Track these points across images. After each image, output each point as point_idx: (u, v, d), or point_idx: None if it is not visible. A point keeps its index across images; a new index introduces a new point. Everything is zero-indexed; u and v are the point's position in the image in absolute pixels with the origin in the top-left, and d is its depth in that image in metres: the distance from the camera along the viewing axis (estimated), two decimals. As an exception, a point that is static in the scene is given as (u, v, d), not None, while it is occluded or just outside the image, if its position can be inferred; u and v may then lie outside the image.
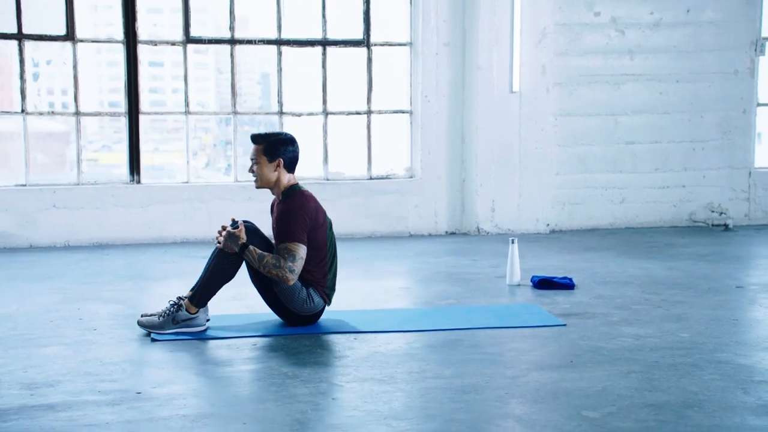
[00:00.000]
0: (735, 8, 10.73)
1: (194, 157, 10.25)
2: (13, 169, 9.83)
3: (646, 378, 4.84)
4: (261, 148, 5.96)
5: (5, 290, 7.29)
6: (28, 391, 4.61)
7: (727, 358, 5.23)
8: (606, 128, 10.60)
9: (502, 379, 4.83)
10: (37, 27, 9.53)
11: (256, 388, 4.69)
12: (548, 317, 6.25)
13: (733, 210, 10.86)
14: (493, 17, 10.02)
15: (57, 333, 5.84)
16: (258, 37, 10.08)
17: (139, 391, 4.59)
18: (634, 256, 8.80)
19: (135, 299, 6.92)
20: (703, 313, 6.37)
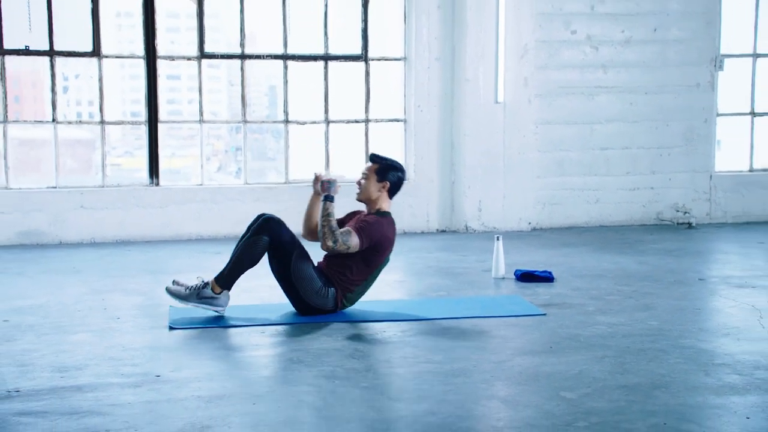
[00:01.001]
0: (697, 28, 10.73)
1: (207, 161, 10.24)
2: (45, 173, 9.82)
3: (618, 362, 4.85)
4: (375, 167, 6.09)
5: (38, 282, 7.28)
6: (58, 373, 4.62)
7: (690, 344, 5.24)
8: (582, 135, 10.60)
9: (488, 364, 4.84)
10: (66, 44, 9.52)
11: (265, 372, 4.69)
12: (530, 307, 6.25)
13: (696, 210, 10.86)
14: (480, 34, 10.01)
15: (84, 321, 5.85)
16: (266, 52, 10.07)
17: (158, 374, 4.60)
18: (608, 251, 8.80)
19: (154, 291, 6.90)
20: (669, 303, 6.38)
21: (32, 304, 6.37)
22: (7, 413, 4.02)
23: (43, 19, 9.41)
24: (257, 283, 7.13)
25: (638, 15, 10.62)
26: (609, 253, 8.65)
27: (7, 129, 9.43)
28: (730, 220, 10.98)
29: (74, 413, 3.99)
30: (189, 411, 4.02)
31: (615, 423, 3.91)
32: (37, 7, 9.41)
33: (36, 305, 6.34)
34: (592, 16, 10.52)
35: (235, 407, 4.08)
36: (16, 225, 9.31)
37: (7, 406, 4.11)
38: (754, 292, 6.74)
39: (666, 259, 8.33)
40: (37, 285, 7.16)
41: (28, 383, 4.45)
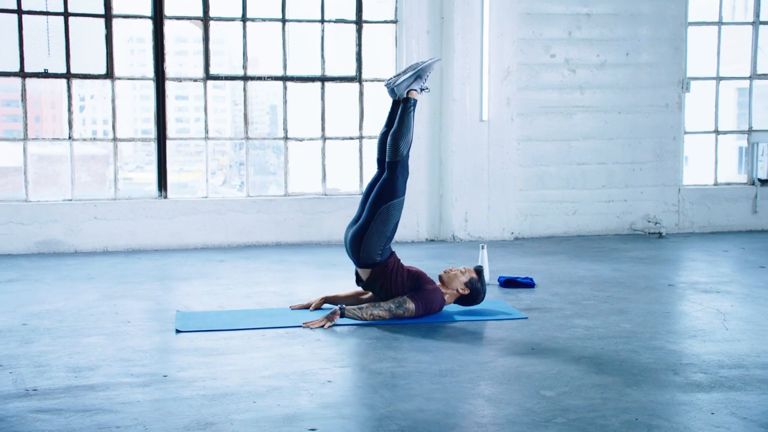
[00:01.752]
0: (665, 53, 10.76)
1: (213, 175, 10.22)
2: (62, 186, 9.80)
3: (594, 362, 4.85)
4: (474, 276, 6.18)
5: (55, 288, 7.26)
6: (73, 373, 4.61)
7: (660, 345, 5.25)
8: (561, 152, 10.60)
9: (473, 365, 4.84)
10: (82, 67, 9.50)
11: (265, 372, 4.68)
12: (512, 311, 6.25)
13: (666, 220, 10.86)
14: (466, 58, 10.02)
15: (97, 325, 5.83)
16: (267, 74, 10.07)
17: (166, 375, 4.59)
18: (584, 259, 8.80)
19: (162, 296, 6.90)
20: (641, 307, 6.38)
21: (49, 309, 6.35)
22: (25, 411, 4.01)
23: (61, 44, 9.39)
24: (260, 289, 7.14)
25: (612, 40, 10.65)
26: (585, 261, 8.64)
27: (27, 146, 9.41)
28: (697, 230, 10.99)
29: (87, 411, 3.98)
30: (194, 409, 4.01)
31: (591, 419, 3.91)
32: (55, 33, 9.40)
33: (52, 310, 6.32)
34: (570, 41, 10.54)
35: (237, 405, 4.07)
36: (35, 235, 9.28)
37: (26, 404, 4.10)
38: (719, 297, 6.75)
39: (638, 266, 8.33)
40: (53, 291, 7.13)
41: (44, 383, 4.44)
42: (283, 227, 9.88)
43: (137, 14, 9.64)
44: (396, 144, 6.05)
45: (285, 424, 3.82)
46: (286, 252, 9.32)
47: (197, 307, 6.50)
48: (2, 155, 9.63)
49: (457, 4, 9.97)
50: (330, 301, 6.35)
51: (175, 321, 5.89)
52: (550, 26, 10.47)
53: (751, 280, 7.55)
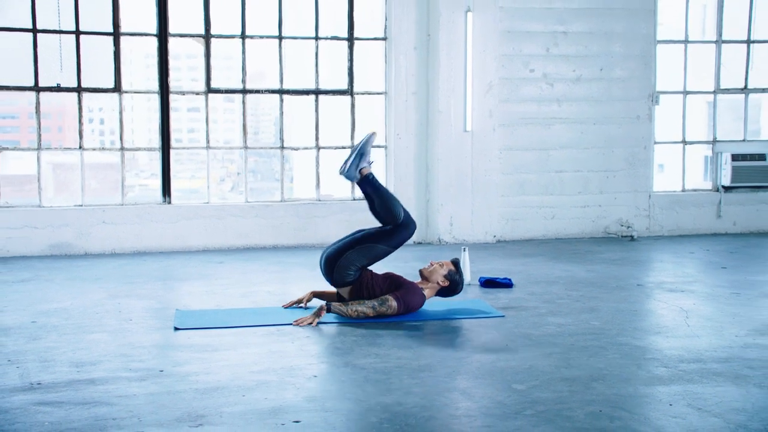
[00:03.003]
0: (636, 68, 10.76)
1: (222, 182, 10.19)
2: (73, 193, 9.77)
3: (564, 357, 4.84)
4: (452, 269, 6.16)
5: (64, 288, 7.24)
6: (75, 368, 4.59)
7: (626, 341, 5.23)
8: (540, 160, 10.59)
9: (451, 360, 4.82)
10: (92, 82, 9.47)
11: (255, 368, 4.66)
12: (490, 310, 6.23)
13: (637, 224, 10.86)
14: (451, 72, 10.02)
15: (101, 322, 5.81)
16: (264, 87, 10.06)
17: (162, 369, 4.57)
18: (561, 260, 8.79)
19: (163, 296, 6.87)
20: (610, 305, 6.37)
21: (57, 307, 6.32)
22: (29, 403, 3.99)
23: (72, 60, 9.37)
24: (256, 289, 7.12)
25: (587, 57, 10.65)
26: (562, 263, 8.63)
27: (41, 155, 9.38)
28: (666, 233, 10.98)
29: (86, 403, 3.96)
30: (186, 402, 3.99)
31: (557, 411, 3.90)
32: (67, 49, 9.38)
33: (60, 308, 6.30)
34: (548, 57, 10.54)
35: (227, 398, 4.05)
36: (48, 238, 9.25)
37: (30, 397, 4.08)
38: (683, 296, 6.74)
39: (610, 267, 8.32)
40: (62, 290, 7.11)
41: (48, 377, 4.42)
42: (279, 231, 9.85)
43: (143, 32, 9.63)
44: (389, 213, 6.06)
45: (271, 416, 3.80)
46: (283, 254, 9.29)
47: (196, 305, 6.48)
48: (25, 164, 9.59)
49: (443, 23, 9.97)
50: (318, 295, 6.32)
51: (174, 319, 5.87)
52: (529, 43, 10.46)
53: (714, 280, 7.55)
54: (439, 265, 6.19)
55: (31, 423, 3.72)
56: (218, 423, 3.71)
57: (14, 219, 9.16)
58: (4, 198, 9.25)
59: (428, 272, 6.18)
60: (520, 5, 10.39)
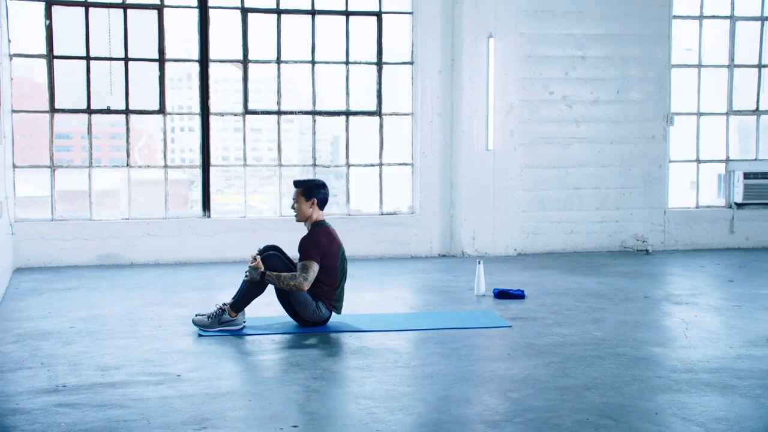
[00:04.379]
0: (652, 91, 10.61)
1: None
2: (120, 207, 9.86)
3: (561, 367, 4.76)
4: (300, 190, 5.96)
5: (106, 296, 7.29)
6: (100, 372, 4.61)
7: (624, 351, 5.14)
8: (559, 177, 10.47)
9: (454, 368, 4.77)
10: (138, 104, 9.57)
11: (266, 374, 4.65)
12: (499, 320, 6.16)
13: (653, 239, 10.68)
14: (474, 95, 9.96)
15: (132, 329, 5.84)
16: (298, 108, 10.09)
17: (179, 374, 4.57)
18: (575, 273, 8.67)
19: (197, 304, 6.88)
20: (615, 317, 6.26)
21: (96, 314, 6.37)
22: (50, 404, 4.01)
23: (121, 84, 9.47)
24: (274, 298, 7.09)
25: (604, 80, 10.52)
26: (575, 275, 8.51)
27: (92, 173, 9.48)
28: (681, 247, 10.78)
29: (102, 406, 3.97)
30: (195, 406, 3.98)
31: (546, 419, 3.82)
32: (117, 75, 9.48)
33: (99, 315, 6.34)
34: (567, 80, 10.43)
35: (234, 403, 4.04)
36: (97, 249, 9.34)
37: (53, 398, 4.10)
38: (687, 308, 6.61)
39: (622, 280, 8.18)
40: (104, 298, 7.17)
41: (74, 380, 4.45)
42: (311, 243, 9.82)
43: (186, 58, 9.71)
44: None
45: (271, 421, 3.78)
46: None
47: (224, 313, 6.47)
48: (109, 179, 9.75)
49: (466, 48, 9.92)
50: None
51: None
52: (548, 67, 10.36)
53: (719, 293, 7.39)
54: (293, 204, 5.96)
55: (49, 423, 3.73)
56: (221, 426, 3.69)
57: (67, 231, 9.26)
58: (58, 212, 9.36)
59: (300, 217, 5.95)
60: (540, 31, 10.31)
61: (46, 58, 9.23)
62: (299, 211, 5.96)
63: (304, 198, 5.93)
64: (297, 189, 5.98)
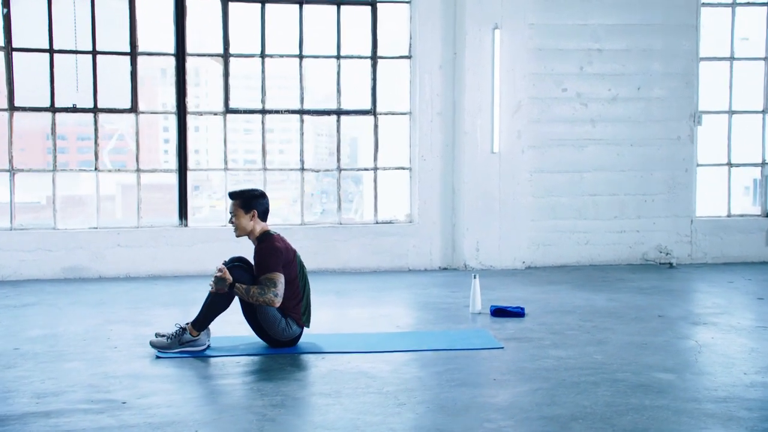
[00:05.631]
0: (677, 87, 10.53)
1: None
2: (88, 215, 9.86)
3: (549, 394, 4.69)
4: (238, 202, 5.91)
5: (64, 313, 7.27)
6: (36, 399, 4.57)
7: (623, 377, 5.06)
8: (572, 183, 10.41)
9: (430, 394, 4.71)
10: (108, 102, 9.57)
11: (223, 400, 4.60)
12: (491, 341, 6.09)
13: (679, 251, 10.58)
14: (477, 92, 9.92)
15: (84, 350, 5.80)
16: (284, 107, 10.07)
17: (125, 401, 4.53)
18: (586, 289, 8.58)
19: (161, 322, 6.85)
20: (621, 338, 6.18)
21: (47, 334, 6.35)
22: (-25, 435, 3.97)
23: (89, 80, 9.48)
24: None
25: (623, 75, 10.45)
26: (586, 291, 8.43)
27: (56, 177, 9.49)
28: (710, 260, 10.68)
29: (31, 437, 3.93)
30: (133, 437, 3.94)
31: (522, 453, 3.75)
32: (83, 69, 9.49)
33: (50, 334, 6.32)
34: (581, 75, 10.37)
35: (176, 433, 3.99)
36: (61, 261, 9.34)
37: (-20, 429, 4.06)
38: (704, 329, 6.52)
39: (637, 296, 8.09)
40: (61, 316, 7.15)
41: (4, 408, 4.41)
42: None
43: (161, 51, 9.71)
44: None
45: (214, 453, 3.73)
46: (299, 279, 9.23)
47: (190, 333, 6.44)
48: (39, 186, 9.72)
49: (469, 41, 9.88)
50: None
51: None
52: (561, 61, 10.31)
53: (744, 312, 7.30)
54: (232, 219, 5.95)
55: (-32, 456, 3.69)
56: (157, 460, 3.65)
57: (28, 241, 9.26)
58: (18, 220, 9.36)
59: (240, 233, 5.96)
60: (552, 22, 10.25)
61: (4, 50, 9.25)
62: (239, 225, 5.92)
63: (243, 210, 5.89)
64: (234, 201, 5.93)
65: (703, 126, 10.67)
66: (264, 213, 5.94)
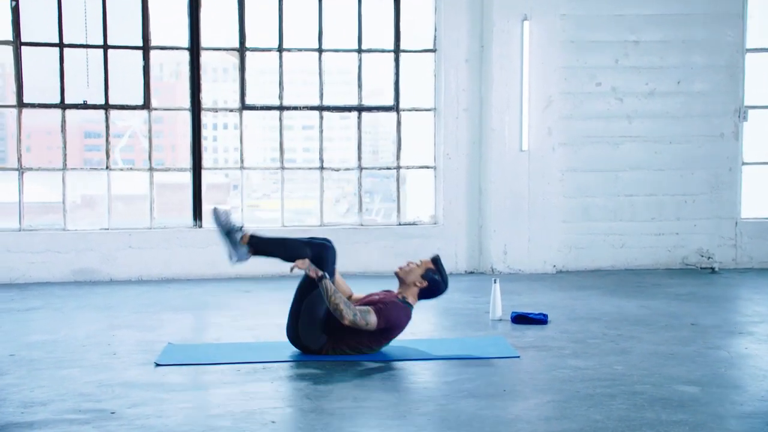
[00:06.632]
0: (720, 80, 10.38)
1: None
2: (99, 215, 9.94)
3: (560, 407, 4.63)
4: (430, 266, 5.98)
5: (68, 318, 7.33)
6: (21, 409, 4.59)
7: (642, 389, 4.98)
8: (607, 182, 10.31)
9: (434, 406, 4.67)
10: (120, 98, 9.64)
11: (214, 410, 4.59)
12: (508, 349, 6.03)
13: (722, 255, 10.43)
14: (505, 87, 9.85)
15: (81, 357, 5.83)
16: (302, 104, 10.07)
17: (114, 411, 4.53)
18: (617, 295, 8.49)
19: (166, 327, 6.88)
20: (646, 347, 6.10)
21: (46, 339, 6.39)
22: (-46, 446, 4.00)
23: (100, 75, 9.55)
24: (266, 321, 7.07)
25: (662, 68, 10.33)
26: (617, 297, 8.34)
27: (66, 176, 9.57)
28: (756, 265, 10.52)
29: (9, 448, 3.95)
30: (115, 448, 3.94)
31: (522, 470, 3.70)
32: (95, 64, 9.57)
33: (49, 340, 6.36)
34: (617, 69, 10.26)
35: (160, 446, 3.99)
36: (71, 264, 9.42)
37: (-41, 439, 4.09)
38: (739, 339, 6.42)
39: (671, 303, 7.99)
40: (65, 320, 7.20)
41: (-11, 417, 4.43)
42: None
43: (174, 46, 9.75)
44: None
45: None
46: (317, 283, 9.22)
47: (194, 339, 6.49)
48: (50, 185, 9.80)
49: (496, 33, 9.82)
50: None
51: (160, 354, 5.86)
52: (595, 54, 10.21)
53: (783, 321, 7.16)
54: (416, 264, 5.99)
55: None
56: (136, 473, 3.65)
57: (36, 243, 9.35)
58: (26, 221, 9.45)
59: (404, 273, 5.97)
60: (585, 12, 10.16)
61: (13, 44, 9.35)
62: (410, 270, 5.96)
63: (424, 272, 5.95)
64: (432, 262, 6.00)
65: (749, 122, 10.51)
66: (427, 293, 6.00)
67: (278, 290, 8.78)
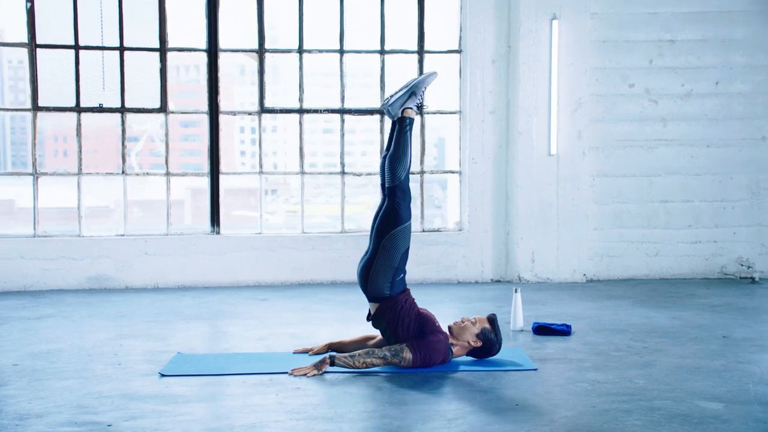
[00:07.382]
0: (762, 81, 10.26)
1: None
2: (115, 221, 10.01)
3: (572, 423, 4.58)
4: (487, 326, 5.99)
5: (78, 327, 7.37)
6: (16, 421, 4.61)
7: (662, 405, 4.91)
8: (641, 188, 10.22)
9: (440, 420, 4.63)
10: (136, 102, 9.71)
11: (212, 423, 4.58)
12: (525, 361, 5.98)
13: (762, 264, 10.29)
14: (533, 89, 9.80)
15: (84, 367, 5.86)
16: (323, 107, 10.08)
17: (110, 424, 4.55)
18: (648, 305, 8.40)
19: (175, 336, 6.90)
20: (671, 361, 6.01)
21: (52, 349, 6.43)
22: (-55, 458, 4.03)
23: (116, 78, 9.62)
24: (279, 331, 7.07)
25: (699, 68, 10.23)
26: (647, 307, 8.25)
27: (81, 181, 9.64)
28: (798, 274, 10.39)
29: (-2, 461, 3.97)
30: (105, 462, 3.95)
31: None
32: (110, 67, 9.64)
33: (55, 350, 6.40)
34: (651, 69, 10.18)
35: (152, 460, 3.99)
36: (86, 271, 9.49)
37: (-48, 451, 4.12)
38: (769, 352, 6.31)
39: (704, 314, 7.88)
40: (73, 329, 7.24)
41: (-16, 429, 4.46)
42: (337, 265, 9.81)
43: (192, 47, 9.80)
44: (393, 168, 5.91)
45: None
46: (338, 291, 9.23)
47: (204, 348, 6.50)
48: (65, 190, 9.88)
49: (524, 33, 9.78)
50: (335, 347, 6.23)
51: (166, 364, 5.87)
52: (628, 54, 10.13)
53: (819, 333, 7.04)
54: (471, 322, 5.99)
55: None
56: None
57: (51, 249, 9.43)
58: (41, 227, 9.53)
59: (458, 329, 5.98)
60: (618, 11, 10.09)
61: (28, 47, 9.45)
62: (465, 328, 5.97)
63: (480, 331, 5.97)
64: (488, 321, 6.02)
65: (791, 125, 10.39)
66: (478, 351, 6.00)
67: (295, 298, 8.80)
